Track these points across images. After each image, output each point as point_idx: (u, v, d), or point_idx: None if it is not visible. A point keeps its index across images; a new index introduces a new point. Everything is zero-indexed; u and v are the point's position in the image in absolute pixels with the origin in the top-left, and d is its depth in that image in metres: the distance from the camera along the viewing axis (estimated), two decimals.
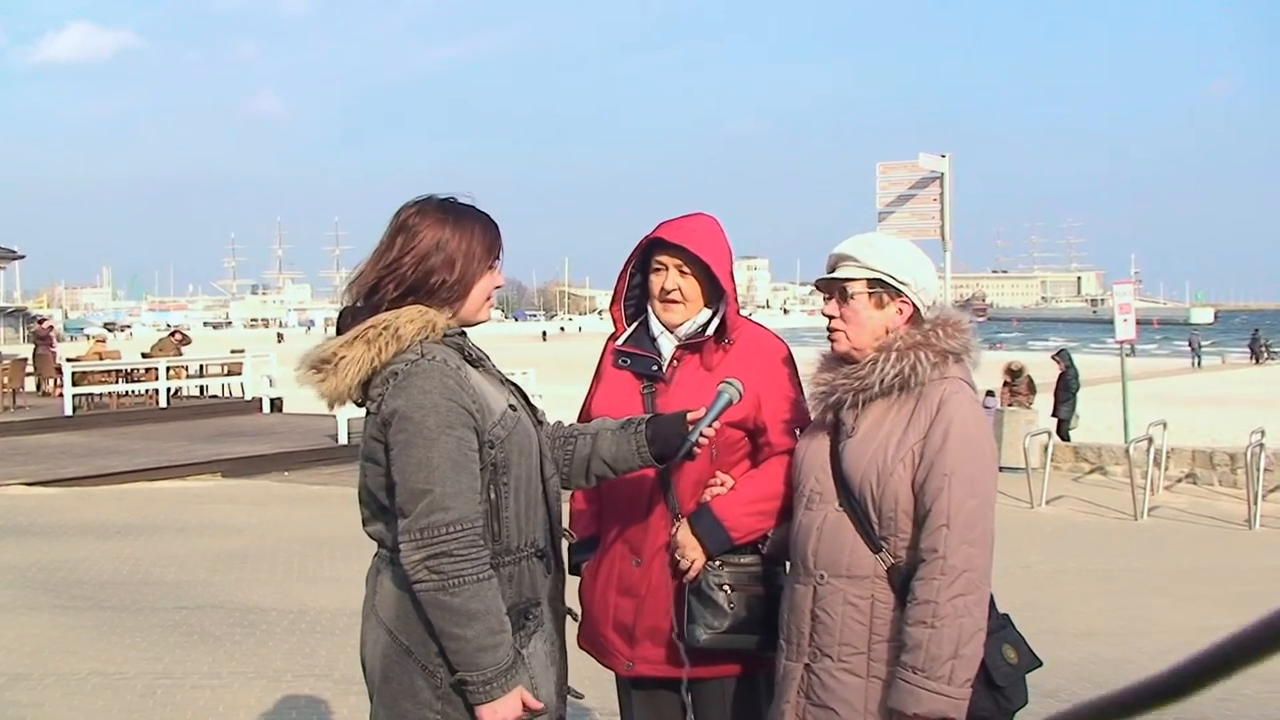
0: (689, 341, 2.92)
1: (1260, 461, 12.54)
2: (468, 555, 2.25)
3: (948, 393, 2.58)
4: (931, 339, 2.63)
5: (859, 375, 2.64)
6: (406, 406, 2.28)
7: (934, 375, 2.60)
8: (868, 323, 2.67)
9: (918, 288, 2.68)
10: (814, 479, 2.69)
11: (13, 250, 28.81)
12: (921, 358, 2.59)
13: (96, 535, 10.04)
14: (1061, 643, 6.76)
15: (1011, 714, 2.58)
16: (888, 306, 2.67)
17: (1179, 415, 18.75)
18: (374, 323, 2.36)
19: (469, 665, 2.25)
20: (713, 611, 2.81)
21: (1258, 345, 55.24)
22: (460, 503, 2.27)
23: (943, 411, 2.55)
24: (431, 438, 2.27)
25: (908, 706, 2.46)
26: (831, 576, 2.61)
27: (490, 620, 2.26)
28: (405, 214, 2.46)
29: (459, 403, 2.31)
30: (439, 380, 2.31)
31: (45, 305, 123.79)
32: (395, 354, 2.33)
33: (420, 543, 2.25)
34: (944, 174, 14.52)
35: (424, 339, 2.35)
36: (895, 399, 2.62)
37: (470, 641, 2.24)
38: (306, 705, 5.24)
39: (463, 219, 2.46)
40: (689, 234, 2.88)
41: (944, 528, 2.48)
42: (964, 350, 2.67)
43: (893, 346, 2.62)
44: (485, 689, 2.25)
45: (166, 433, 18.45)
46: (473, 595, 2.24)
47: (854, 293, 2.68)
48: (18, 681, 5.53)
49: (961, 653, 2.45)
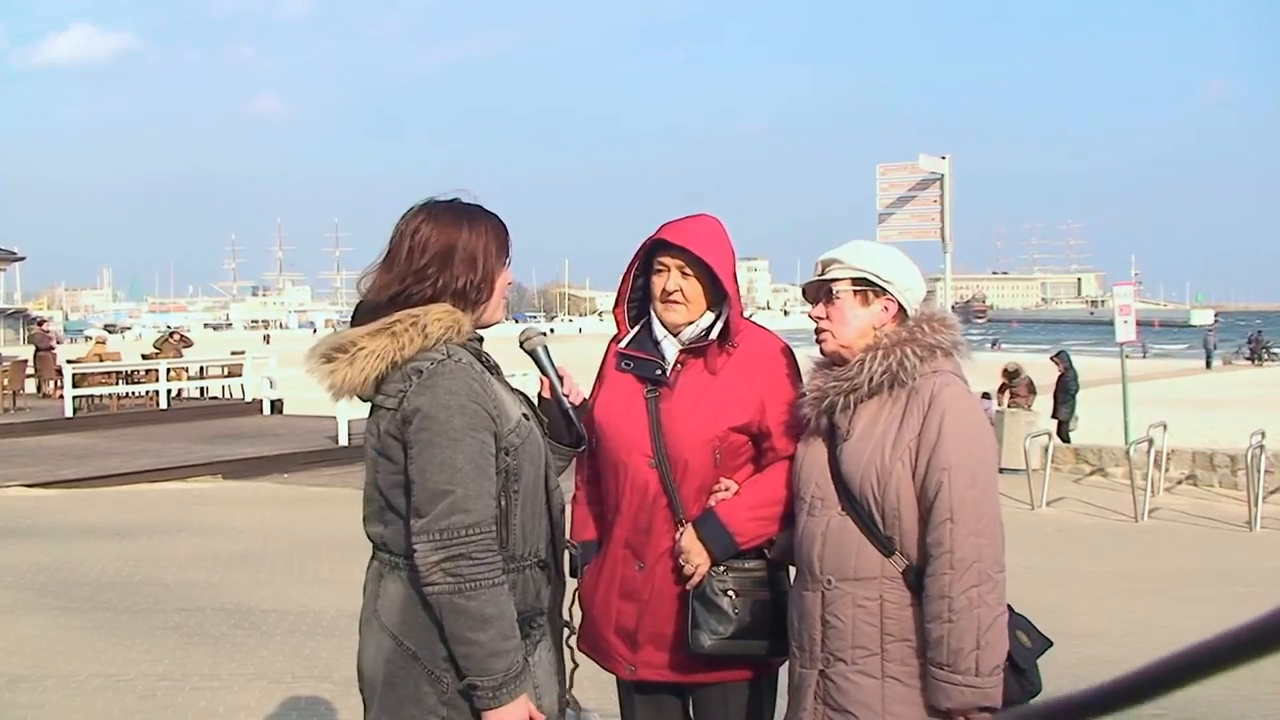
0: (692, 345, 2.91)
1: (1261, 463, 12.53)
2: (485, 559, 2.24)
3: (939, 386, 2.59)
4: (917, 334, 2.65)
5: (848, 377, 2.65)
6: (432, 406, 2.27)
7: (923, 370, 2.61)
8: (854, 320, 2.70)
9: (902, 286, 2.71)
10: (814, 485, 2.70)
11: (13, 252, 28.87)
12: (909, 353, 2.61)
13: (97, 537, 10.04)
14: (1062, 644, 6.72)
15: (1032, 697, 2.60)
16: (873, 304, 2.70)
17: (1180, 417, 18.74)
18: (401, 317, 2.33)
19: (481, 670, 2.24)
20: (717, 617, 2.80)
21: (1257, 346, 55.20)
22: (480, 506, 2.26)
23: (935, 405, 2.56)
24: (457, 439, 2.25)
25: (940, 703, 2.49)
26: (839, 581, 2.61)
27: (504, 625, 2.25)
28: (417, 220, 2.43)
29: (483, 406, 2.30)
30: (465, 381, 2.30)
31: (45, 307, 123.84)
32: (419, 350, 2.31)
33: (439, 544, 2.23)
34: (944, 175, 14.53)
35: (448, 339, 2.34)
36: (887, 397, 2.63)
37: (483, 646, 2.23)
38: (307, 707, 5.24)
39: (475, 219, 2.46)
40: (691, 235, 2.87)
41: (948, 521, 2.49)
42: (952, 345, 2.69)
43: (880, 345, 2.65)
44: (495, 694, 2.24)
45: (167, 434, 18.45)
46: (489, 600, 2.23)
47: (839, 291, 2.71)
48: (18, 683, 5.53)
49: (984, 642, 2.47)
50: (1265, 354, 54.71)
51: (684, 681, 2.91)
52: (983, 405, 14.17)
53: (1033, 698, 2.59)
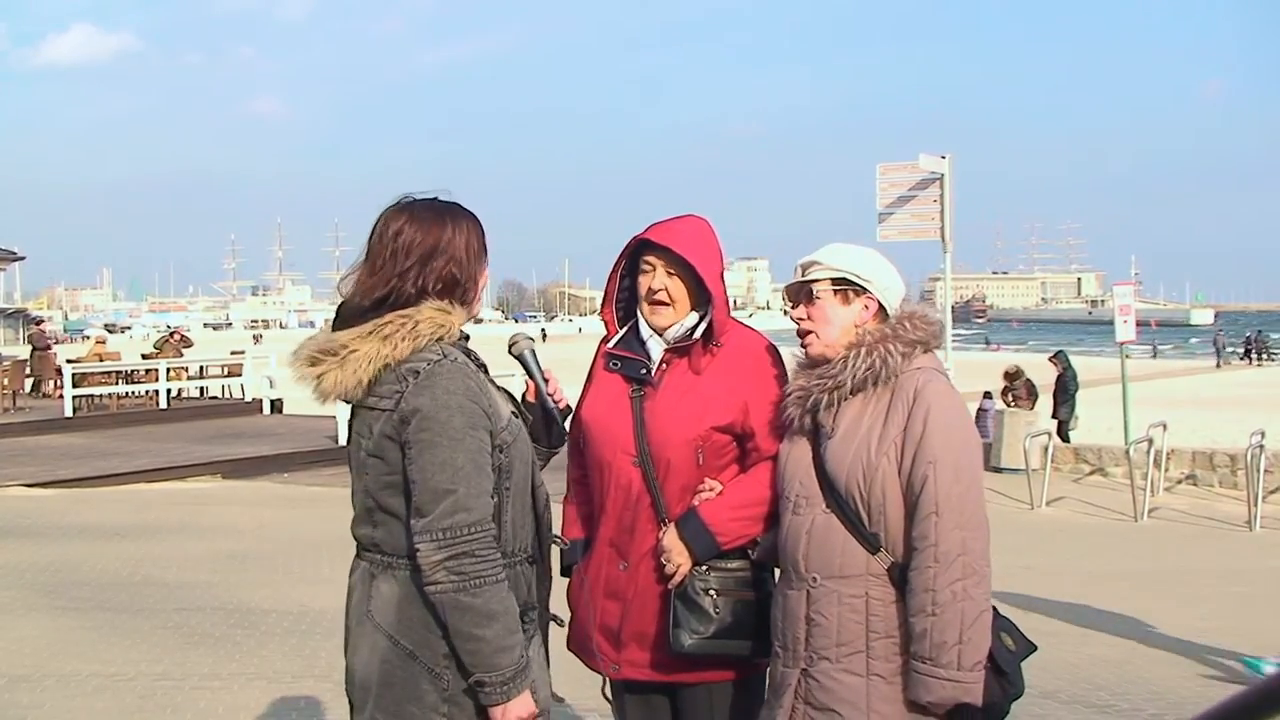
0: (677, 345, 2.92)
1: (1260, 463, 12.54)
2: (488, 556, 2.25)
3: (923, 381, 2.61)
4: (900, 331, 2.68)
5: (831, 374, 2.68)
6: (431, 406, 2.27)
7: (906, 366, 2.64)
8: (835, 319, 2.72)
9: (881, 285, 2.73)
10: (798, 483, 2.71)
11: (13, 251, 28.86)
12: (891, 349, 2.64)
13: (96, 536, 10.04)
14: (1061, 644, 6.76)
15: (1013, 700, 2.60)
16: (854, 303, 2.73)
17: (1180, 416, 18.75)
18: (391, 318, 2.33)
19: (488, 666, 2.24)
20: (698, 617, 2.80)
21: (1258, 345, 55.23)
22: (481, 504, 2.27)
23: (920, 400, 2.58)
24: (457, 438, 2.26)
25: (920, 696, 2.49)
26: (825, 579, 2.62)
27: (509, 620, 2.26)
28: (399, 220, 2.41)
29: (480, 405, 2.31)
30: (462, 381, 2.30)
31: (45, 306, 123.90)
32: (412, 352, 2.31)
33: (442, 543, 2.23)
34: (944, 175, 14.53)
35: (440, 339, 2.34)
36: (870, 394, 2.65)
37: (489, 642, 2.24)
38: (306, 707, 5.24)
39: (457, 217, 2.45)
40: (676, 235, 2.89)
41: (933, 515, 2.50)
42: (932, 339, 2.72)
43: (862, 343, 2.67)
44: (503, 689, 2.25)
45: (166, 434, 18.46)
46: (493, 596, 2.24)
47: (819, 292, 2.74)
48: (18, 683, 5.53)
49: (966, 636, 2.48)
50: (1265, 354, 54.76)
51: (668, 681, 2.92)
52: (986, 404, 14.10)
53: (1014, 700, 2.59)
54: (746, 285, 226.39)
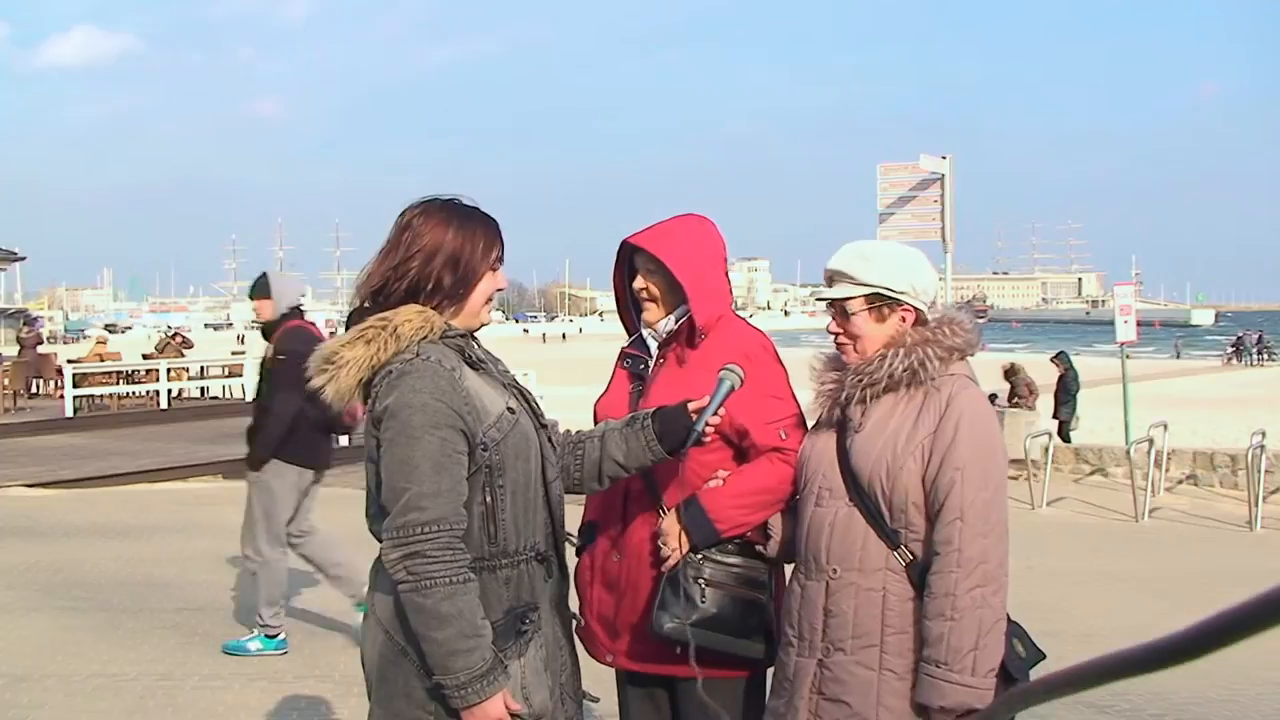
0: (666, 340, 2.99)
1: (1261, 463, 12.52)
2: (440, 557, 2.25)
3: (957, 388, 2.63)
4: (940, 336, 2.69)
5: (868, 371, 2.68)
6: (395, 404, 2.31)
7: (942, 371, 2.65)
8: (872, 335, 2.72)
9: (917, 292, 2.72)
10: (822, 475, 2.72)
11: (13, 252, 28.87)
12: (930, 353, 2.65)
13: (97, 536, 10.04)
14: (1062, 644, 6.72)
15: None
16: (889, 318, 2.72)
17: (1180, 416, 18.74)
18: (372, 322, 2.38)
19: (441, 669, 2.25)
20: (684, 603, 2.79)
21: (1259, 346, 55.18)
22: (438, 504, 2.27)
23: (952, 406, 2.60)
24: (415, 436, 2.28)
25: (932, 700, 2.50)
26: (844, 571, 2.64)
27: (462, 624, 2.24)
28: (409, 215, 2.48)
29: (447, 403, 2.31)
30: (430, 380, 2.32)
31: (46, 307, 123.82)
32: (394, 353, 2.35)
33: (397, 541, 2.27)
34: (945, 175, 14.54)
35: (422, 339, 2.37)
36: (903, 394, 2.66)
37: (441, 645, 2.24)
38: (308, 706, 5.25)
39: (466, 221, 2.48)
40: (653, 234, 2.96)
41: (958, 520, 2.52)
42: (968, 347, 2.73)
43: (902, 343, 2.68)
44: (460, 693, 2.25)
45: (167, 434, 18.42)
46: (444, 598, 2.23)
47: (854, 311, 2.73)
48: (19, 683, 5.53)
49: (982, 643, 2.49)
50: (1266, 355, 54.71)
51: (663, 673, 2.93)
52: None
53: None
54: (747, 285, 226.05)
